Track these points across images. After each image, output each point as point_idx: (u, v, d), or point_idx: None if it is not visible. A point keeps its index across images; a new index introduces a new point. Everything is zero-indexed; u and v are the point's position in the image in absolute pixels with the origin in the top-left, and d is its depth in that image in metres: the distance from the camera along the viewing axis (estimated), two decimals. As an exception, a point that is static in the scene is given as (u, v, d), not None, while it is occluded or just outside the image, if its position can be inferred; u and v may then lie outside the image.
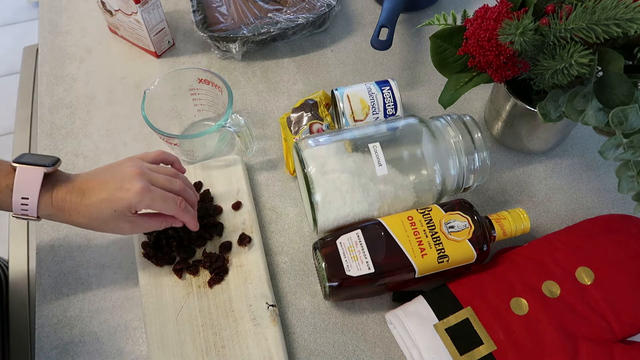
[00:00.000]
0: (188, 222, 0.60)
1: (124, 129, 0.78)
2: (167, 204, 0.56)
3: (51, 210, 0.54)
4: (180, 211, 0.58)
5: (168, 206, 0.57)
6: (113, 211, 0.54)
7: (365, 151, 0.61)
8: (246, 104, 0.80)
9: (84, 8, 0.92)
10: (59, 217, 0.55)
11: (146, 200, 0.54)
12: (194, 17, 0.83)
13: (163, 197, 0.56)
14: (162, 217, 0.59)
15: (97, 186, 0.55)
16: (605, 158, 0.52)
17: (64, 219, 0.55)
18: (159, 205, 0.56)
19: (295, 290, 0.64)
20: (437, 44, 0.63)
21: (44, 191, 0.53)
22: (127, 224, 0.56)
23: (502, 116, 0.71)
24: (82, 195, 0.54)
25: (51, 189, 0.54)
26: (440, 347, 0.55)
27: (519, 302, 0.57)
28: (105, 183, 0.55)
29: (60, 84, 0.83)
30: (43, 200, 0.53)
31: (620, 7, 0.48)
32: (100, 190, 0.54)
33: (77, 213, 0.54)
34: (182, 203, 0.58)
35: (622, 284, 0.56)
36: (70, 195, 0.54)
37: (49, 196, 0.53)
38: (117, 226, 0.56)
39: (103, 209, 0.54)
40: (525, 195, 0.71)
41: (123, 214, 0.55)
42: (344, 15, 0.90)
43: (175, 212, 0.58)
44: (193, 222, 0.61)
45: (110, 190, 0.54)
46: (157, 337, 0.59)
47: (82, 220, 0.55)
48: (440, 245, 0.58)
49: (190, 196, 0.61)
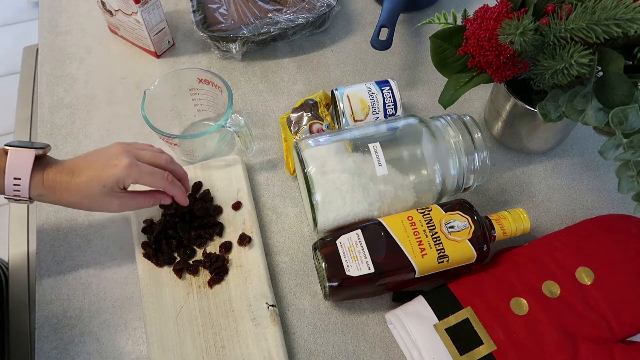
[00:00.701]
0: (177, 196, 0.62)
1: (124, 129, 0.78)
2: (154, 177, 0.58)
3: (42, 190, 0.55)
4: (168, 184, 0.59)
5: (156, 179, 0.58)
6: (102, 187, 0.56)
7: (365, 151, 0.61)
8: (246, 104, 0.80)
9: (84, 8, 0.92)
10: (50, 197, 0.56)
11: (134, 174, 0.56)
12: (194, 17, 0.83)
13: (150, 171, 0.58)
14: (150, 194, 0.61)
15: (86, 166, 0.57)
16: (605, 158, 0.52)
17: (55, 199, 0.57)
18: (146, 178, 0.58)
19: (295, 290, 0.64)
20: (437, 44, 0.63)
21: (35, 172, 0.55)
22: (115, 200, 0.58)
23: (502, 116, 0.71)
24: (72, 175, 0.56)
25: (42, 170, 0.56)
26: (440, 347, 0.55)
27: (519, 302, 0.57)
28: (93, 162, 0.57)
29: (60, 84, 0.83)
30: (34, 181, 0.55)
31: (620, 7, 0.48)
32: (89, 169, 0.56)
33: (67, 191, 0.56)
34: (169, 176, 0.60)
35: (622, 284, 0.56)
36: (61, 175, 0.56)
37: (40, 176, 0.55)
38: (106, 202, 0.57)
39: (92, 185, 0.56)
40: (525, 195, 0.71)
41: (112, 189, 0.56)
42: (344, 15, 0.90)
43: (163, 185, 0.59)
44: (182, 195, 0.62)
45: (98, 168, 0.56)
46: (157, 337, 0.59)
47: (72, 199, 0.57)
48: (440, 245, 0.58)
49: (177, 169, 0.63)
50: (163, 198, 0.62)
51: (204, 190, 0.69)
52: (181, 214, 0.66)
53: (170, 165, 0.62)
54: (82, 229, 0.69)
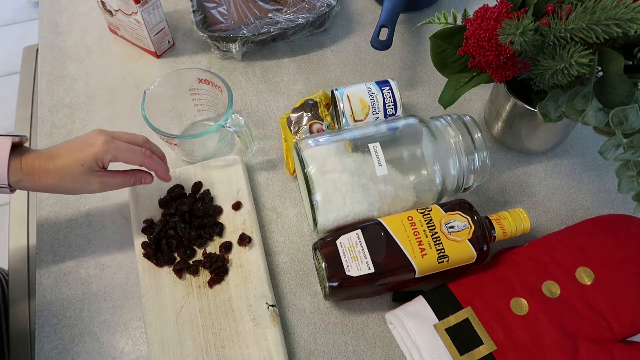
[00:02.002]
0: (157, 170, 0.62)
1: (124, 129, 0.77)
2: (132, 152, 0.59)
3: (21, 175, 0.56)
4: (146, 159, 0.60)
5: (134, 155, 0.59)
6: (81, 165, 0.57)
7: (365, 151, 0.61)
8: (246, 104, 0.80)
9: (84, 8, 0.92)
10: (30, 182, 0.57)
11: (112, 150, 0.58)
12: (194, 17, 0.83)
13: (128, 147, 0.59)
14: (130, 172, 0.62)
15: (64, 149, 0.58)
16: (605, 158, 0.52)
17: (35, 183, 0.57)
18: (124, 154, 0.59)
19: (295, 290, 0.64)
20: (437, 44, 0.63)
21: (13, 158, 0.56)
22: (95, 180, 0.58)
23: (502, 116, 0.71)
24: (50, 158, 0.57)
25: (19, 156, 0.57)
26: (440, 347, 0.55)
27: (519, 302, 0.57)
28: (71, 144, 0.59)
29: (60, 84, 0.83)
30: (13, 166, 0.56)
31: (620, 7, 0.48)
32: (67, 151, 0.58)
33: (46, 174, 0.57)
34: (147, 152, 0.61)
35: (622, 284, 0.56)
36: (39, 160, 0.57)
37: (18, 162, 0.56)
38: (86, 182, 0.58)
39: (71, 165, 0.57)
40: (525, 195, 0.71)
41: (91, 167, 0.57)
42: (344, 15, 0.90)
43: (142, 160, 0.60)
44: (163, 169, 0.63)
45: (76, 149, 0.58)
46: (157, 337, 0.59)
47: (52, 181, 0.57)
48: (440, 245, 0.58)
49: (155, 148, 0.63)
50: (144, 177, 0.63)
51: (203, 190, 0.69)
52: (181, 213, 0.66)
53: (147, 144, 0.63)
54: (82, 229, 0.69)
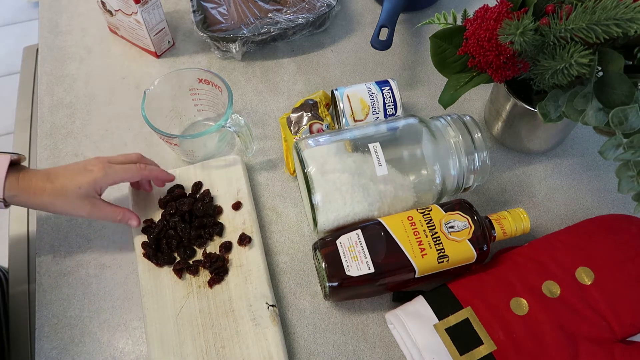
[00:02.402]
0: (157, 177, 0.65)
1: (124, 129, 0.78)
2: (129, 171, 0.62)
3: (17, 190, 0.58)
4: (143, 171, 0.63)
5: (131, 172, 0.62)
6: (78, 188, 0.59)
7: (365, 151, 0.61)
8: (246, 104, 0.80)
9: (84, 8, 0.92)
10: (24, 198, 0.59)
11: (110, 173, 0.60)
12: (194, 17, 0.83)
13: (124, 168, 0.62)
14: (120, 209, 0.63)
15: (62, 172, 0.60)
16: (605, 158, 0.52)
17: (28, 199, 0.59)
18: (121, 175, 0.61)
19: (295, 290, 0.64)
20: (437, 44, 0.63)
21: (10, 174, 0.58)
22: (87, 205, 0.60)
23: (502, 116, 0.71)
24: (47, 178, 0.59)
25: (17, 173, 0.58)
26: (440, 347, 0.55)
27: (519, 302, 0.57)
28: (69, 169, 0.61)
29: (60, 84, 0.83)
30: (9, 181, 0.57)
31: (620, 7, 0.48)
32: (65, 174, 0.60)
33: (42, 192, 0.59)
34: (141, 165, 0.63)
35: (622, 284, 0.56)
36: (36, 178, 0.59)
37: (14, 178, 0.58)
38: (78, 205, 0.60)
39: (68, 186, 0.59)
40: (525, 195, 0.71)
41: (87, 192, 0.59)
42: (344, 15, 0.90)
43: (139, 174, 0.63)
44: (162, 174, 0.65)
45: (74, 173, 0.60)
46: (157, 337, 0.59)
47: (46, 200, 0.59)
48: (440, 245, 0.58)
49: (148, 160, 0.66)
50: (131, 218, 0.64)
51: (204, 190, 0.69)
52: (181, 213, 0.66)
53: (141, 159, 0.65)
54: (82, 229, 0.69)
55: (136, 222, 0.64)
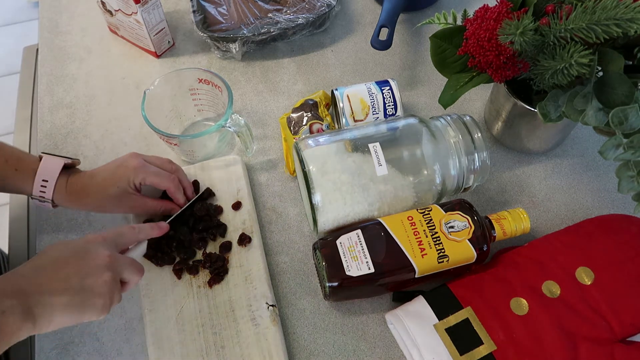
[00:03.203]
0: (177, 200, 0.65)
1: (124, 129, 0.78)
2: (161, 177, 0.63)
3: (64, 194, 0.61)
4: (172, 185, 0.64)
5: (161, 179, 0.63)
6: (116, 187, 0.61)
7: (365, 151, 0.61)
8: (246, 104, 0.80)
9: (84, 8, 0.92)
10: (71, 201, 0.62)
11: (141, 173, 0.61)
12: (194, 17, 0.83)
13: (157, 172, 0.63)
14: (161, 201, 0.65)
15: (102, 170, 0.63)
16: (605, 158, 0.52)
17: (75, 202, 0.62)
18: (153, 178, 0.62)
19: (295, 290, 0.64)
20: (437, 44, 0.63)
21: (61, 177, 0.61)
22: (128, 201, 0.62)
23: (502, 116, 0.71)
24: (91, 178, 0.62)
25: (67, 176, 0.62)
26: (440, 347, 0.55)
27: (519, 302, 0.57)
28: (108, 167, 0.63)
29: (60, 84, 0.83)
30: (59, 184, 0.61)
31: (620, 7, 0.48)
32: (105, 172, 0.62)
33: (86, 194, 0.62)
34: (175, 179, 0.64)
35: (622, 284, 0.56)
36: (82, 178, 0.62)
37: (64, 181, 0.61)
38: (121, 202, 0.62)
39: (107, 186, 0.61)
40: (525, 195, 0.71)
41: (125, 190, 0.61)
42: (344, 15, 0.90)
43: (168, 184, 0.63)
44: (182, 200, 0.66)
45: (112, 170, 0.62)
46: (157, 337, 0.59)
47: (90, 201, 0.62)
48: (440, 245, 0.58)
49: (183, 177, 0.67)
50: (174, 208, 0.65)
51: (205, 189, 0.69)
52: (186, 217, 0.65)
53: (176, 172, 0.66)
54: (82, 229, 0.69)
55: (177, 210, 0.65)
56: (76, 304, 0.46)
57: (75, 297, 0.46)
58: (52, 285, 0.46)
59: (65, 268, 0.47)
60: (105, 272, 0.48)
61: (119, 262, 0.50)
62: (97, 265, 0.48)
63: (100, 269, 0.48)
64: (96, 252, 0.49)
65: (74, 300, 0.46)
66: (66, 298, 0.45)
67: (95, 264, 0.48)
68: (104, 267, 0.48)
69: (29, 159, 0.62)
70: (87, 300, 0.47)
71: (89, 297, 0.47)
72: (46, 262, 0.47)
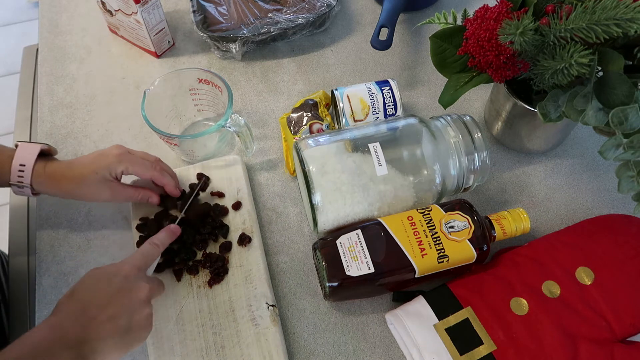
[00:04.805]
0: (167, 185, 0.65)
1: (124, 129, 0.78)
2: (143, 166, 0.63)
3: (43, 178, 0.61)
4: (156, 172, 0.63)
5: (145, 168, 0.63)
6: (95, 174, 0.61)
7: (365, 151, 0.61)
8: (246, 104, 0.80)
9: (84, 8, 0.92)
10: (49, 185, 0.61)
11: (124, 161, 0.61)
12: (194, 17, 0.83)
13: (140, 161, 0.63)
14: (139, 188, 0.65)
15: (83, 157, 0.63)
16: (605, 158, 0.52)
17: (54, 186, 0.62)
18: (136, 167, 0.62)
19: (295, 290, 0.64)
20: (437, 44, 0.63)
21: (39, 162, 0.61)
22: (106, 189, 0.62)
23: (502, 116, 0.71)
24: (70, 166, 0.62)
25: (45, 161, 0.62)
26: (440, 347, 0.55)
27: (519, 302, 0.57)
28: (89, 156, 0.63)
29: (60, 84, 0.83)
30: (37, 168, 0.60)
31: (620, 7, 0.48)
32: (85, 160, 0.62)
33: (65, 179, 0.61)
34: (157, 166, 0.64)
35: (622, 284, 0.56)
36: (60, 166, 0.62)
37: (42, 166, 0.61)
38: (99, 189, 0.61)
39: (87, 173, 0.61)
40: (525, 195, 0.71)
41: (104, 177, 0.61)
42: (344, 15, 0.90)
43: (151, 172, 0.63)
44: (171, 184, 0.65)
45: (92, 160, 0.62)
46: (157, 337, 0.59)
47: (69, 186, 0.61)
48: (440, 245, 0.58)
49: (166, 166, 0.66)
50: (151, 196, 0.65)
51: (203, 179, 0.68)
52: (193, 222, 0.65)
53: (159, 163, 0.66)
54: (82, 229, 0.69)
55: (156, 199, 0.65)
56: (125, 343, 0.49)
57: (124, 336, 0.49)
58: (102, 328, 0.48)
59: (112, 307, 0.49)
60: (147, 306, 0.52)
61: (154, 290, 0.54)
62: (140, 300, 0.51)
63: (143, 304, 0.51)
64: (138, 287, 0.52)
65: (123, 340, 0.49)
66: (116, 339, 0.48)
67: (138, 300, 0.51)
68: (146, 302, 0.52)
69: (6, 149, 0.62)
70: (135, 337, 0.50)
71: (136, 333, 0.50)
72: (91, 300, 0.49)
